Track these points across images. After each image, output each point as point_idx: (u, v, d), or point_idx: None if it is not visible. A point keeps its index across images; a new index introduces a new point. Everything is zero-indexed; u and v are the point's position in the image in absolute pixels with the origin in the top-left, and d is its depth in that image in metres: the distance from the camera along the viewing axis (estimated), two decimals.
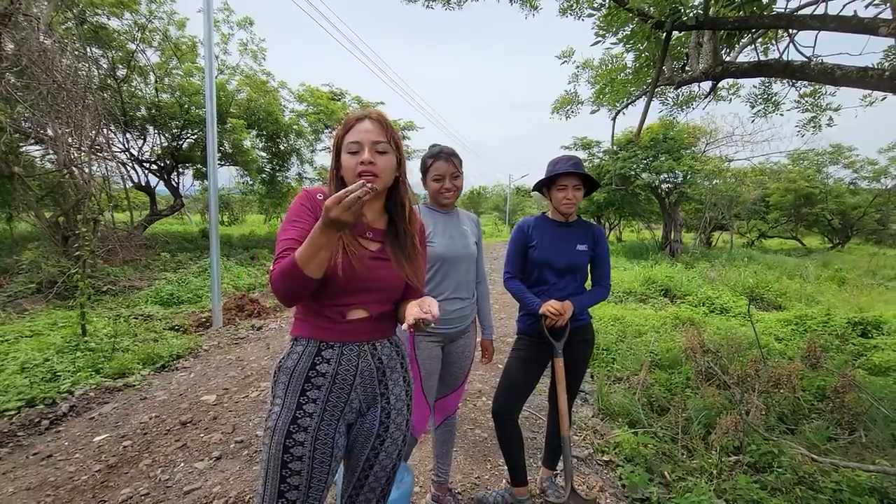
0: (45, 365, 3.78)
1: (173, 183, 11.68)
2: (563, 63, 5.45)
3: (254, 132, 11.42)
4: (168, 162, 11.19)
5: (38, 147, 7.86)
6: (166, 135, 10.58)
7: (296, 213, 1.21)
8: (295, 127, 12.50)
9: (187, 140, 10.96)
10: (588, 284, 2.17)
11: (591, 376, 4.01)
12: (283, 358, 1.23)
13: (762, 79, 5.21)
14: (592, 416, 3.23)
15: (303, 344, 1.22)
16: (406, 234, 1.28)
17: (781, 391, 3.19)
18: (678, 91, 5.89)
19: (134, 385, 3.70)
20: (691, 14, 3.13)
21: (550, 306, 1.95)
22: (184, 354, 4.50)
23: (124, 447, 2.73)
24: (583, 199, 2.10)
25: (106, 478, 2.43)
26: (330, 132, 13.36)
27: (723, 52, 4.14)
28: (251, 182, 13.03)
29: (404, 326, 1.06)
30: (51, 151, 6.96)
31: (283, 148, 12.93)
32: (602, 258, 2.12)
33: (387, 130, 1.21)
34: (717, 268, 10.80)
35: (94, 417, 3.14)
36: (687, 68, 4.50)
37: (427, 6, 5.46)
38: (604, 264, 2.13)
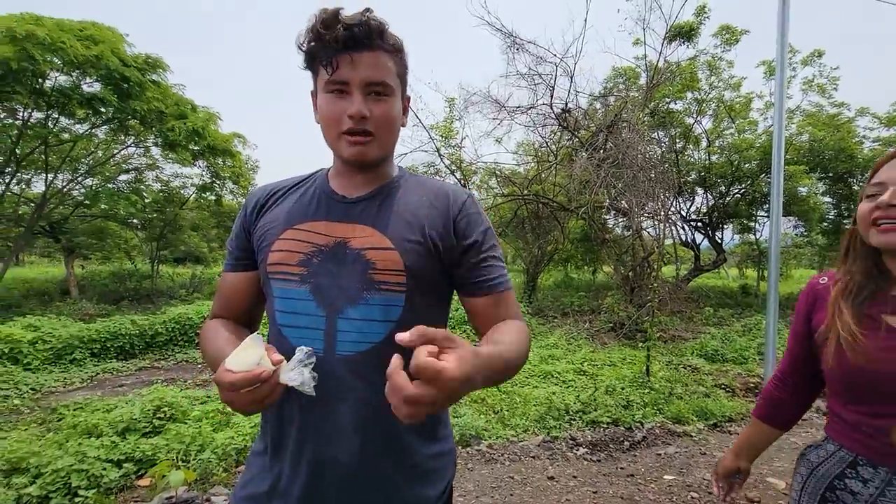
0: (622, 393, 4.67)
1: (716, 239, 11.91)
2: None
3: (815, 175, 9.84)
4: (713, 218, 11.55)
5: (611, 216, 10.24)
6: (713, 193, 10.99)
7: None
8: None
9: (734, 196, 10.92)
10: None
11: None
12: (810, 445, 1.08)
13: None
14: None
15: (835, 445, 0.99)
16: None
17: None
18: None
19: (691, 435, 3.90)
20: None
21: None
22: (735, 419, 4.32)
23: (691, 497, 2.89)
24: None
25: None
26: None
27: None
28: (805, 232, 11.24)
29: None
30: (624, 219, 8.85)
31: (854, 189, 10.35)
32: None
33: None
34: None
35: (660, 454, 3.53)
36: None
37: None
38: None
